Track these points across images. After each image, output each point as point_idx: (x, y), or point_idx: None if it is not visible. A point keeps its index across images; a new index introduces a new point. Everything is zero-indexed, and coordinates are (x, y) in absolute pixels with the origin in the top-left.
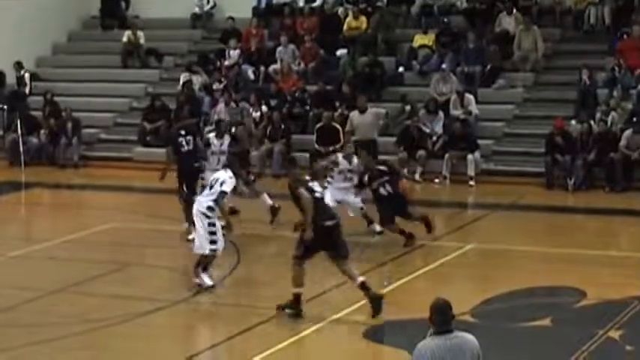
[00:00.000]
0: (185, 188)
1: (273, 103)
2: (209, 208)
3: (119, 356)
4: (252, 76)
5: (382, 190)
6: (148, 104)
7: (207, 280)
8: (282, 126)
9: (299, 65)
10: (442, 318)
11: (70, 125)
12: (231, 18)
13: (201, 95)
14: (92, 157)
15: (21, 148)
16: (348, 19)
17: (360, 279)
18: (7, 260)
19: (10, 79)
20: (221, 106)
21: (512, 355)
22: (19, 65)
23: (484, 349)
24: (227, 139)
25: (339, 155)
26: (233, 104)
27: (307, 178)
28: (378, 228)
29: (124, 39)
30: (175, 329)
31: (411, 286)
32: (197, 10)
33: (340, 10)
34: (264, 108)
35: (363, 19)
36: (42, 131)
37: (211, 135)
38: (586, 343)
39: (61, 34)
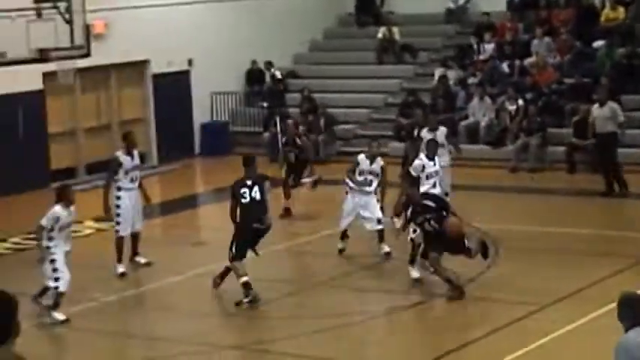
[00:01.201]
0: None
1: (528, 96)
2: None
3: (369, 351)
4: (507, 70)
5: (427, 226)
6: (403, 99)
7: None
8: (538, 119)
9: (555, 58)
10: (631, 312)
11: (322, 121)
12: (487, 13)
13: (456, 90)
14: (349, 152)
15: (280, 145)
16: (605, 10)
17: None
18: (270, 253)
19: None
20: (475, 100)
21: None
22: (269, 64)
23: None
24: (442, 130)
25: (362, 154)
26: (487, 98)
27: None
28: (387, 249)
29: (379, 35)
30: (428, 325)
31: None
32: (451, 4)
33: (597, 0)
34: (519, 101)
35: (621, 9)
36: (300, 127)
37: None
38: None
39: (318, 32)
